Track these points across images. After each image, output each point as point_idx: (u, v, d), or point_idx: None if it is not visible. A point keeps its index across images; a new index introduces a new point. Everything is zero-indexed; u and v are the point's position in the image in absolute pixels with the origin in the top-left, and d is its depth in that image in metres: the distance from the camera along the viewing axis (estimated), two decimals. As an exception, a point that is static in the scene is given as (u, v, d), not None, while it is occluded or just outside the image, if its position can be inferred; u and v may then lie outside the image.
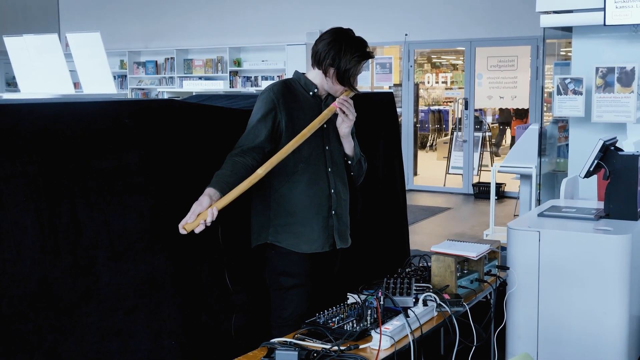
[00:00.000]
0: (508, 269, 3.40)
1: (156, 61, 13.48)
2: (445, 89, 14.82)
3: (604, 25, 4.81)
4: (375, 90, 10.94)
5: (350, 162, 3.08)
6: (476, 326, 2.92)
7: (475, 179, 10.92)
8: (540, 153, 5.91)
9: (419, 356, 2.58)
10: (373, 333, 2.51)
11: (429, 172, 12.15)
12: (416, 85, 11.51)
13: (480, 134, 11.15)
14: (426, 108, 15.52)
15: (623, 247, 3.20)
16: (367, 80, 11.32)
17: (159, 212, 2.67)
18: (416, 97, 11.54)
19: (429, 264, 3.26)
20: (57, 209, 2.37)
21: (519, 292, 3.38)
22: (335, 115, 2.93)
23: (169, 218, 2.57)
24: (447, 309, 2.84)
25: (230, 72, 12.65)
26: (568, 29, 5.42)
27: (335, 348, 2.41)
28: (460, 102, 11.13)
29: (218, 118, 3.08)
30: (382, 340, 2.46)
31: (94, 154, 2.49)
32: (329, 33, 2.92)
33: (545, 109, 7.30)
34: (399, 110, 10.66)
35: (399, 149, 4.52)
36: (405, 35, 10.82)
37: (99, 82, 7.98)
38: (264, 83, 11.78)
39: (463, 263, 3.23)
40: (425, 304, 2.84)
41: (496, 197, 7.65)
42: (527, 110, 10.67)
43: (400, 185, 4.48)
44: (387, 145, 4.33)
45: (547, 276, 3.32)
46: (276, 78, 11.93)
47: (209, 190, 2.60)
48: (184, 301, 2.81)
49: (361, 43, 2.92)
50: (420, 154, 13.27)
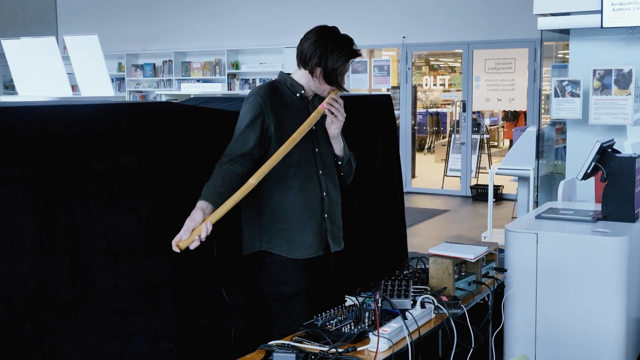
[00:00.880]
0: (506, 271, 3.40)
1: (154, 64, 13.48)
2: (443, 91, 14.83)
3: (602, 27, 4.82)
4: (373, 93, 10.96)
5: (340, 163, 3.03)
6: (474, 328, 2.92)
7: (473, 181, 10.93)
8: (538, 155, 5.92)
9: (416, 358, 2.58)
10: (371, 335, 2.51)
11: (426, 175, 12.16)
12: (414, 88, 11.52)
13: (478, 136, 11.17)
14: (424, 110, 15.54)
15: (620, 249, 3.20)
16: (365, 83, 11.32)
17: (156, 215, 2.67)
18: (414, 100, 11.55)
19: (426, 266, 3.26)
20: (55, 211, 2.37)
21: (517, 294, 3.39)
22: (323, 116, 2.88)
23: (166, 220, 2.57)
24: (445, 311, 2.84)
25: (228, 75, 12.66)
26: (565, 32, 5.44)
27: (333, 350, 2.41)
28: (458, 105, 11.14)
29: (216, 121, 3.07)
30: (380, 342, 2.46)
31: (91, 157, 2.49)
32: (313, 32, 2.85)
33: (542, 111, 7.31)
34: (396, 112, 10.66)
35: (396, 152, 4.53)
36: (403, 37, 10.83)
37: (96, 85, 7.97)
38: (262, 85, 11.75)
39: (461, 265, 3.23)
40: (423, 306, 2.84)
41: (494, 200, 7.66)
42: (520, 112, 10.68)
43: (398, 188, 4.48)
44: (385, 147, 4.33)
45: (545, 278, 3.32)
46: (274, 80, 11.91)
47: (201, 204, 2.53)
48: (181, 303, 2.81)
49: (347, 41, 2.85)
50: (418, 156, 13.27)
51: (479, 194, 10.36)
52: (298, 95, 2.90)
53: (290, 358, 2.36)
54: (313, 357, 2.38)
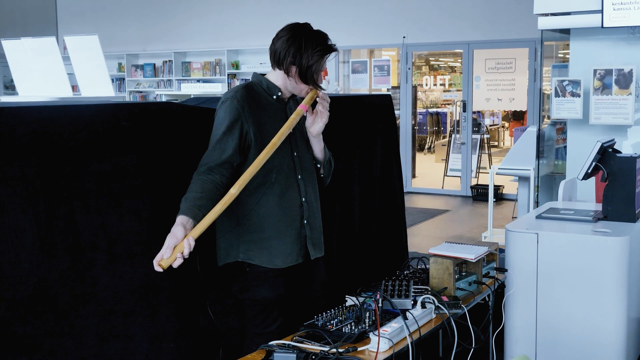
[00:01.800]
0: (506, 271, 3.40)
1: (154, 64, 13.48)
2: (443, 91, 14.86)
3: (602, 27, 4.82)
4: (373, 93, 10.96)
5: (319, 165, 2.93)
6: (474, 328, 2.92)
7: (474, 181, 10.93)
8: (539, 155, 5.91)
9: (417, 358, 2.58)
10: (371, 335, 2.51)
11: (427, 175, 12.16)
12: (414, 88, 11.52)
13: (478, 136, 11.17)
14: (424, 110, 15.54)
15: (621, 249, 3.20)
16: (365, 83, 11.33)
17: (157, 215, 2.66)
18: (414, 100, 11.55)
19: (427, 266, 3.26)
20: (55, 211, 2.36)
21: (518, 294, 3.38)
22: (302, 118, 2.77)
23: (167, 221, 2.56)
24: (446, 311, 2.84)
25: (228, 75, 12.66)
26: (566, 31, 5.43)
27: (334, 350, 2.40)
28: (458, 105, 11.14)
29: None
30: (381, 342, 2.46)
31: (91, 157, 2.49)
32: (285, 30, 2.74)
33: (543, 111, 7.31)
34: (397, 112, 10.66)
35: (397, 152, 4.53)
36: (404, 37, 10.83)
37: (97, 85, 7.97)
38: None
39: (461, 265, 3.23)
40: (423, 306, 2.83)
41: (494, 199, 7.66)
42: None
43: (398, 188, 4.48)
44: (385, 147, 4.33)
45: (546, 278, 3.32)
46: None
47: (182, 219, 2.41)
48: (182, 304, 2.81)
49: (322, 36, 2.74)
50: (419, 156, 13.28)
51: (479, 193, 10.36)
52: (275, 97, 2.78)
53: (290, 358, 2.36)
54: (314, 357, 2.38)
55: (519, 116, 15.04)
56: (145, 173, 2.67)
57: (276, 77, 2.79)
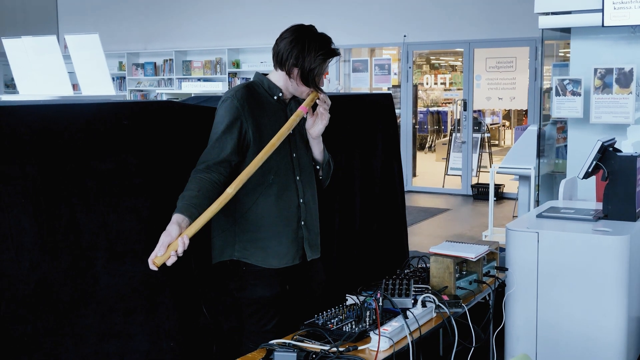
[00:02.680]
0: (507, 270, 3.40)
1: (155, 63, 13.48)
2: (444, 90, 14.85)
3: (603, 26, 4.81)
4: (373, 92, 10.96)
5: (318, 167, 2.93)
6: (475, 327, 2.92)
7: (474, 180, 10.93)
8: (539, 154, 5.91)
9: (417, 357, 2.58)
10: (372, 334, 2.51)
11: (427, 173, 12.16)
12: (415, 87, 11.52)
13: (479, 135, 11.16)
14: (425, 109, 15.54)
15: (621, 248, 3.20)
16: (366, 82, 11.33)
17: (157, 214, 2.66)
18: (415, 99, 11.54)
19: (427, 265, 3.26)
20: (56, 210, 2.37)
21: (518, 293, 3.38)
22: (301, 119, 2.76)
23: (167, 220, 2.56)
24: (446, 310, 2.85)
25: (229, 74, 12.66)
26: (566, 30, 5.43)
27: (334, 349, 2.41)
28: (459, 103, 11.13)
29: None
30: (381, 341, 2.46)
31: (92, 156, 2.49)
32: (289, 31, 2.72)
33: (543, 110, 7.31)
34: (397, 111, 10.66)
35: (397, 150, 4.53)
36: (404, 36, 10.83)
37: (97, 84, 7.97)
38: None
39: (462, 264, 3.23)
40: (424, 305, 2.84)
41: (495, 198, 7.66)
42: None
43: (399, 187, 4.49)
44: (386, 146, 4.33)
45: (546, 277, 3.32)
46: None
47: (177, 218, 2.41)
48: (182, 302, 2.81)
49: (325, 40, 2.73)
50: (419, 155, 13.27)
51: (479, 192, 10.36)
52: (275, 97, 2.78)
53: (291, 357, 2.36)
54: (314, 356, 2.38)
55: (525, 114, 15.02)
56: (145, 172, 2.68)
57: (278, 78, 2.78)
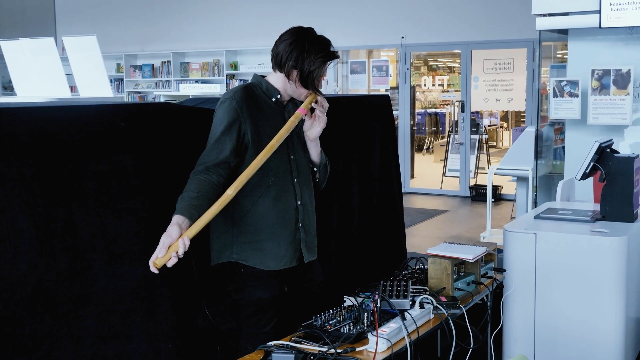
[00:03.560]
0: (505, 271, 3.40)
1: (153, 64, 13.47)
2: (442, 91, 14.84)
3: (600, 27, 4.82)
4: (371, 93, 10.97)
5: (315, 169, 2.93)
6: (473, 328, 2.92)
7: (472, 182, 10.93)
8: (537, 155, 5.92)
9: (415, 359, 2.58)
10: (370, 336, 2.51)
11: (425, 175, 12.16)
12: (413, 88, 11.53)
13: (477, 137, 11.17)
14: (423, 111, 15.55)
15: (619, 249, 3.20)
16: (364, 83, 11.33)
17: (155, 216, 2.66)
18: (413, 100, 11.55)
19: (425, 266, 3.26)
20: (54, 212, 2.36)
21: (516, 295, 3.39)
22: (300, 121, 2.76)
23: (165, 221, 2.56)
24: (444, 311, 2.85)
25: (226, 75, 12.66)
26: (564, 32, 5.44)
27: (332, 351, 2.41)
28: (456, 105, 11.14)
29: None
30: (379, 342, 2.46)
31: (90, 157, 2.49)
32: (289, 33, 2.73)
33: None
34: (395, 113, 10.66)
35: (395, 152, 4.53)
36: (402, 38, 10.84)
37: (95, 86, 7.97)
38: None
39: (460, 265, 3.23)
40: (422, 306, 2.84)
41: (493, 200, 7.66)
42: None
43: (396, 188, 4.49)
44: (384, 147, 4.33)
45: (544, 278, 3.32)
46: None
47: (177, 219, 2.40)
48: (180, 304, 2.81)
49: (324, 42, 2.73)
50: (417, 156, 13.27)
51: (477, 194, 10.36)
52: (274, 99, 2.78)
53: (289, 359, 2.36)
54: (312, 358, 2.38)
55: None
56: (143, 173, 2.68)
57: (276, 80, 2.78)
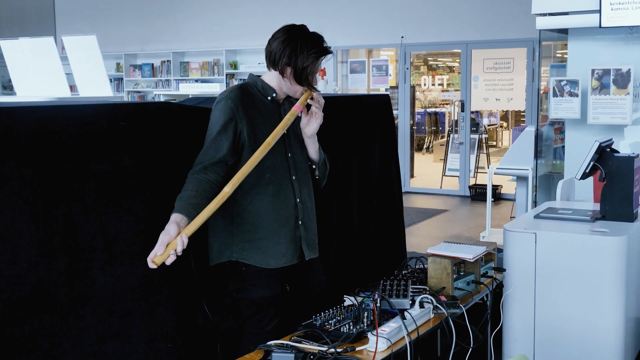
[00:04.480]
0: (504, 270, 3.40)
1: (152, 64, 13.47)
2: (442, 91, 14.84)
3: (600, 27, 4.82)
4: (371, 93, 10.96)
5: (314, 166, 2.94)
6: (473, 328, 2.92)
7: (472, 181, 10.93)
8: (537, 155, 5.92)
9: (415, 358, 2.58)
10: (370, 335, 2.51)
11: (425, 174, 12.15)
12: (412, 88, 11.52)
13: (476, 136, 11.17)
14: (422, 110, 15.54)
15: (619, 249, 3.20)
16: (364, 83, 11.33)
17: (155, 215, 2.66)
18: (412, 100, 11.55)
19: (425, 265, 3.26)
20: (53, 211, 2.36)
21: (516, 294, 3.39)
22: (296, 119, 2.78)
23: (164, 221, 2.56)
24: (444, 310, 2.85)
25: (226, 75, 12.65)
26: (564, 31, 5.44)
27: (332, 350, 2.41)
28: (456, 104, 11.14)
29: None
30: (379, 342, 2.46)
31: (90, 157, 2.49)
32: (282, 31, 2.75)
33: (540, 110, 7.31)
34: (395, 112, 10.66)
35: (395, 151, 4.53)
36: (402, 37, 10.83)
37: (95, 85, 7.97)
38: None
39: (459, 265, 3.23)
40: (421, 306, 2.84)
41: (492, 199, 7.66)
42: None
43: (396, 188, 4.49)
44: (384, 147, 4.33)
45: (544, 278, 3.32)
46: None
47: (176, 217, 2.44)
48: (179, 304, 2.81)
49: (317, 39, 2.75)
50: (417, 156, 13.27)
51: (477, 193, 10.36)
52: (269, 98, 2.80)
53: (289, 358, 2.36)
54: (312, 357, 2.38)
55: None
56: (143, 173, 2.67)
57: (271, 78, 2.81)
